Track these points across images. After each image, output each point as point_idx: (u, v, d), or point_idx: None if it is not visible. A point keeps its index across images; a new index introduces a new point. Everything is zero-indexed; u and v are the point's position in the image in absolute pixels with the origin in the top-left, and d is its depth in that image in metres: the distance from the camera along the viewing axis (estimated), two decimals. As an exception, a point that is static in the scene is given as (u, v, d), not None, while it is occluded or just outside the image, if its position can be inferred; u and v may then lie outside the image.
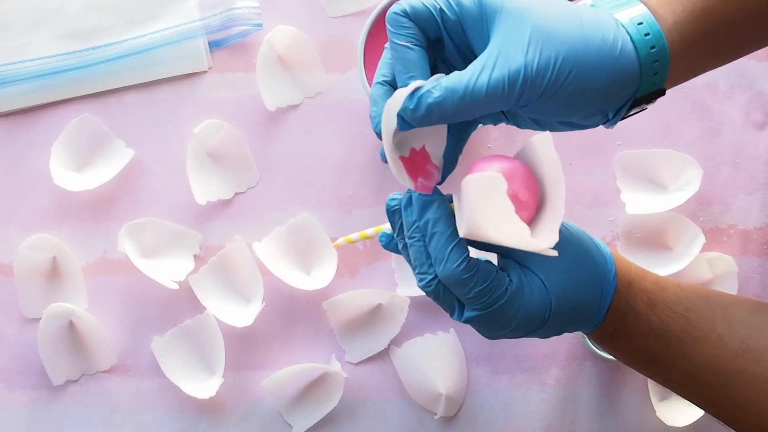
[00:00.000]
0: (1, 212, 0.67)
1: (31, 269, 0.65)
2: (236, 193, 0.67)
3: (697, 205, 0.67)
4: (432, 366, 0.65)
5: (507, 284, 0.44)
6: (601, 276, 0.47)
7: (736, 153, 0.68)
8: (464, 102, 0.41)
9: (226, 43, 0.68)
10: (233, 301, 0.66)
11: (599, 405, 0.66)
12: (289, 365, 0.64)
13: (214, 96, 0.68)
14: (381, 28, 0.61)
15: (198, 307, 0.65)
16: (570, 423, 0.66)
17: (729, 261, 0.66)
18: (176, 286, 0.64)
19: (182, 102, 0.68)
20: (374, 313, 0.66)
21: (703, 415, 0.65)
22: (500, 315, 0.45)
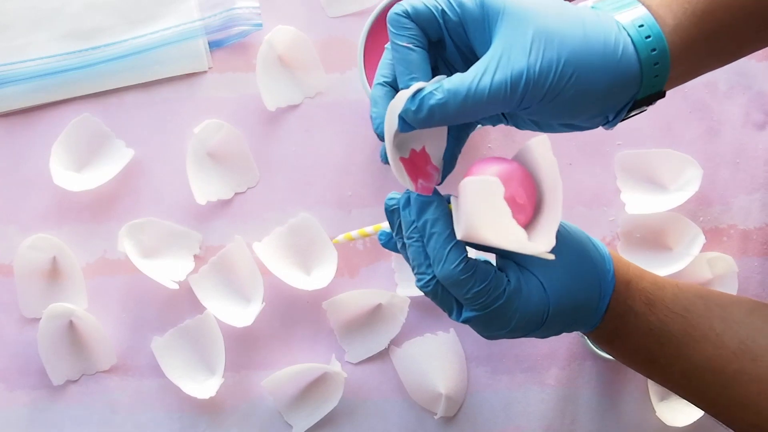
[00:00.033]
0: (1, 212, 0.67)
1: (31, 269, 0.65)
2: (236, 193, 0.67)
3: (697, 205, 0.67)
4: (432, 366, 0.65)
5: (505, 285, 0.44)
6: (600, 276, 0.47)
7: (736, 153, 0.68)
8: (466, 104, 0.40)
9: (226, 43, 0.68)
10: (233, 301, 0.66)
11: (599, 405, 0.66)
12: (289, 365, 0.64)
13: (214, 96, 0.68)
14: (381, 28, 0.61)
15: (198, 307, 0.65)
16: (570, 423, 0.66)
17: (729, 261, 0.66)
18: (176, 286, 0.64)
19: (182, 102, 0.68)
20: (374, 313, 0.66)
21: (703, 415, 0.65)
22: (498, 315, 0.44)
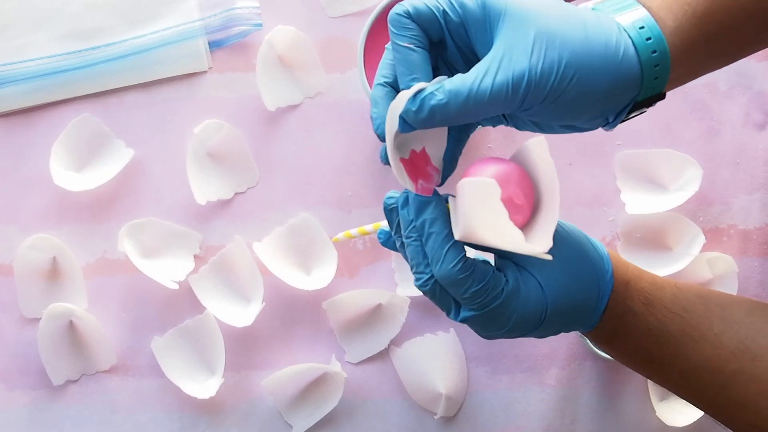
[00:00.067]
0: (1, 212, 0.67)
1: (31, 269, 0.65)
2: (236, 193, 0.67)
3: (697, 205, 0.67)
4: (432, 366, 0.65)
5: (503, 285, 0.44)
6: (598, 276, 0.47)
7: (736, 153, 0.68)
8: (467, 105, 0.40)
9: (226, 43, 0.68)
10: (233, 301, 0.66)
11: (599, 405, 0.67)
12: (289, 365, 0.64)
13: (214, 96, 0.68)
14: (381, 28, 0.61)
15: (198, 307, 0.65)
16: (570, 423, 0.66)
17: (729, 261, 0.66)
18: (176, 286, 0.64)
19: (182, 102, 0.68)
20: (374, 313, 0.66)
21: (703, 415, 0.65)
22: (496, 315, 0.44)
